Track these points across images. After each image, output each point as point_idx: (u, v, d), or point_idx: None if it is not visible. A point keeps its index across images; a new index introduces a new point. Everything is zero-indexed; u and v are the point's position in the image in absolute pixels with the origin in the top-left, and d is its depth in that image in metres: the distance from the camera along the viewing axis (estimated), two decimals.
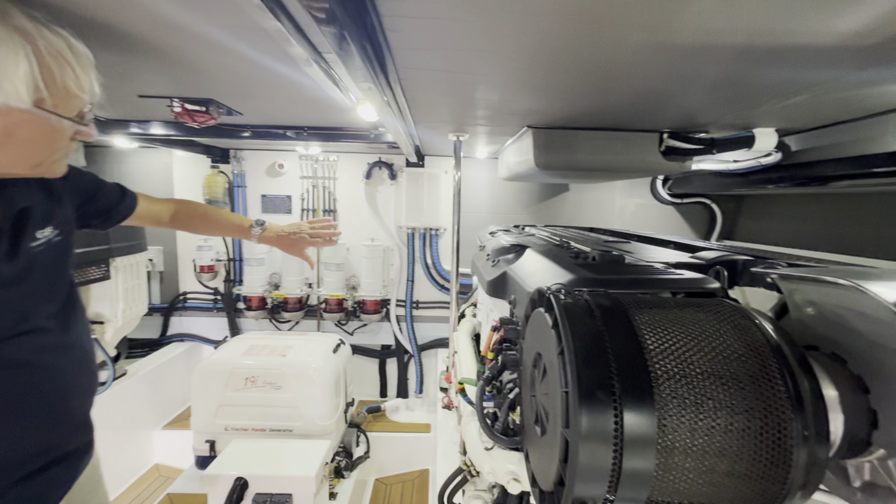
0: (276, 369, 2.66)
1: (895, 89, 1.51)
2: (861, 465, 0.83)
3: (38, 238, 1.03)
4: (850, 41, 1.12)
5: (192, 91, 1.71)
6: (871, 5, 0.94)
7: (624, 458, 0.69)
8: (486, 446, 1.15)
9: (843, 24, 1.02)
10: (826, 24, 1.02)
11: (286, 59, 1.36)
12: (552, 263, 1.23)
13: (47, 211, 1.07)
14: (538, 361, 0.93)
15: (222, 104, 1.82)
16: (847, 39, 1.11)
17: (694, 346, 0.76)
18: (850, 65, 1.31)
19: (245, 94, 1.79)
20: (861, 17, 0.99)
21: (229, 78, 1.61)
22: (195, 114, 1.76)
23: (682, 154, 2.28)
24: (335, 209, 3.86)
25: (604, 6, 0.92)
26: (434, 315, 3.99)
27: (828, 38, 1.10)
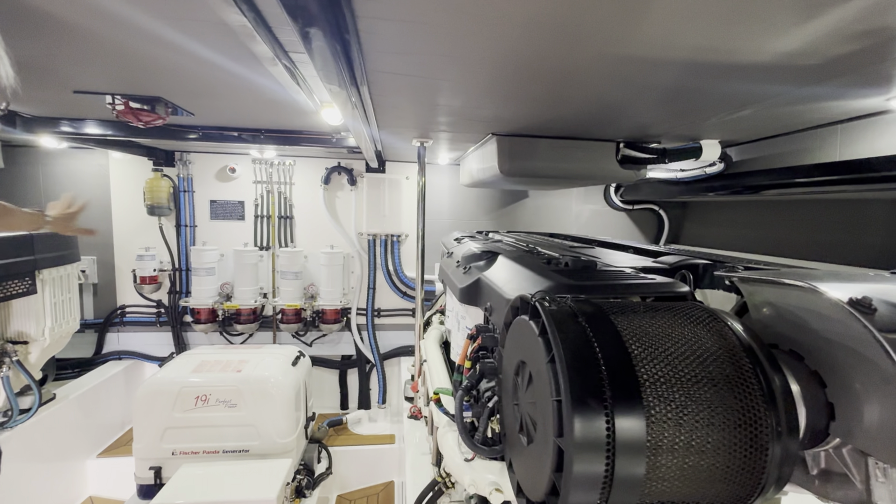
0: (230, 386, 2.49)
1: (827, 106, 1.66)
2: (818, 455, 0.88)
3: None
4: (789, 60, 1.22)
5: (137, 88, 1.58)
6: (810, 28, 1.02)
7: (616, 464, 0.69)
8: (465, 457, 1.13)
9: (783, 44, 1.10)
10: (767, 44, 1.10)
11: (245, 58, 1.29)
12: (526, 270, 1.24)
13: None
14: (521, 369, 0.93)
15: (171, 103, 1.69)
16: (787, 59, 1.21)
17: (675, 350, 0.78)
18: (790, 83, 1.43)
19: (197, 93, 1.68)
20: (800, 39, 1.08)
21: (180, 75, 1.50)
22: (140, 112, 1.62)
23: (637, 163, 2.40)
24: (292, 215, 3.71)
25: (568, 16, 0.94)
26: (396, 323, 3.92)
27: (769, 57, 1.19)
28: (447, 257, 2.09)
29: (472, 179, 3.16)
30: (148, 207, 3.39)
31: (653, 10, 0.91)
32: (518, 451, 0.92)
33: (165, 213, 3.46)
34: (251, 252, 3.51)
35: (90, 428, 3.07)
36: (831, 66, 1.24)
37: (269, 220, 3.68)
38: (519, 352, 0.93)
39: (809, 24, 0.98)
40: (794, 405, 0.77)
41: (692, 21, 0.96)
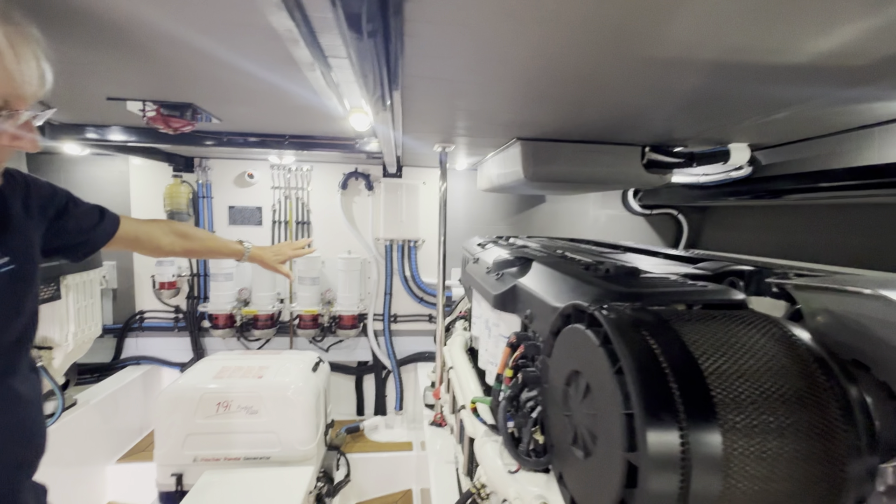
0: (252, 392, 2.48)
1: (867, 107, 1.63)
2: (885, 471, 0.84)
3: None
4: (831, 61, 1.19)
5: (169, 94, 1.58)
6: (860, 26, 0.99)
7: (692, 483, 0.66)
8: (509, 469, 1.10)
9: (825, 43, 1.07)
10: (808, 44, 1.07)
11: (278, 65, 1.28)
12: (568, 277, 1.21)
13: (3, 236, 0.92)
14: (575, 379, 0.90)
15: (201, 109, 1.70)
16: (828, 60, 1.18)
17: (744, 363, 0.75)
18: (830, 85, 1.39)
19: (227, 99, 1.68)
20: (845, 38, 1.05)
21: (212, 82, 1.50)
22: (171, 119, 1.62)
23: (664, 167, 2.36)
24: (309, 220, 3.71)
25: (613, 16, 0.92)
26: (413, 329, 3.90)
27: (808, 58, 1.16)
28: (473, 263, 2.06)
29: (491, 184, 3.14)
30: (168, 213, 3.41)
31: (688, 8, 0.88)
32: (571, 463, 0.89)
33: (185, 219, 3.47)
34: None
35: (110, 433, 3.08)
36: (879, 66, 1.21)
37: (287, 226, 3.68)
38: (571, 361, 0.90)
39: (860, 22, 0.95)
40: (872, 419, 0.73)
41: (727, 20, 0.93)
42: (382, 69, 1.11)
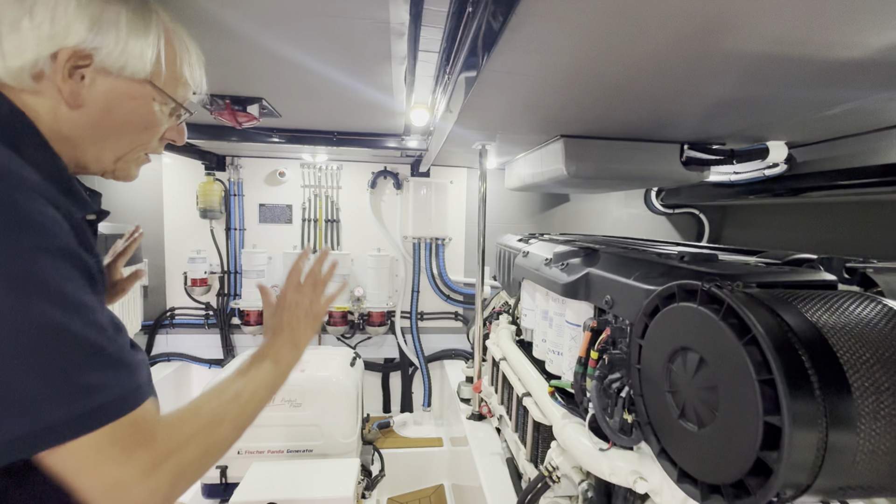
0: (296, 386, 2.51)
1: None
2: None
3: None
4: (893, 56, 1.23)
5: (239, 89, 1.63)
6: None
7: (829, 445, 0.70)
8: (600, 447, 1.14)
9: (889, 37, 1.11)
10: (870, 39, 1.11)
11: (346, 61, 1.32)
12: (650, 262, 1.25)
13: None
14: (681, 356, 0.94)
15: (268, 104, 1.74)
16: (889, 54, 1.22)
17: (861, 332, 0.79)
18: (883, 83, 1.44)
19: (292, 95, 1.72)
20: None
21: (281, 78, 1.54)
22: (239, 113, 1.67)
23: (702, 164, 2.41)
24: (338, 219, 3.76)
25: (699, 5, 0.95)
26: (439, 326, 3.93)
27: (866, 53, 1.20)
28: (523, 257, 2.11)
29: (522, 183, 3.18)
30: (200, 211, 3.45)
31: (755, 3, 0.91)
32: (678, 437, 0.93)
33: (217, 217, 3.51)
34: None
35: None
36: None
37: (317, 224, 3.72)
38: (676, 339, 0.95)
39: None
40: None
41: (783, 7, 0.96)
42: (474, 61, 1.16)
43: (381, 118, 2.06)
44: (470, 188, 3.89)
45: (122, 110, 0.76)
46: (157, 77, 0.78)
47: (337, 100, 1.74)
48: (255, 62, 1.37)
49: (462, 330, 3.97)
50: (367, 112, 1.92)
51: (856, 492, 0.76)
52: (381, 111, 1.86)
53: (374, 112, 1.90)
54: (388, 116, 1.99)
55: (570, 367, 1.51)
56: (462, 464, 2.75)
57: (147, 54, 0.75)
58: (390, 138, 2.55)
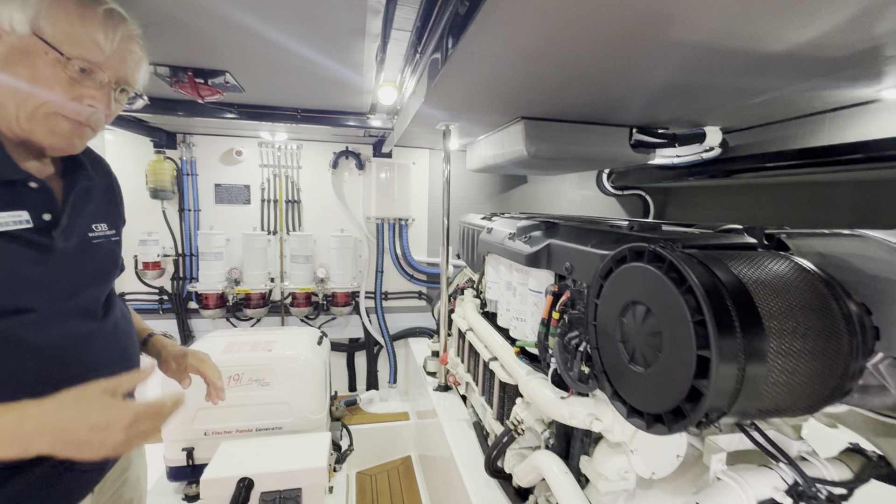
0: (263, 364, 2.52)
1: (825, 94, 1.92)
2: (866, 369, 1.09)
3: (94, 230, 1.04)
4: (808, 51, 1.42)
5: (203, 61, 1.59)
6: (834, 19, 1.22)
7: (746, 375, 0.86)
8: (561, 396, 1.28)
9: (806, 34, 1.30)
10: (790, 34, 1.29)
11: (323, 36, 1.34)
12: (603, 232, 1.39)
13: (104, 208, 1.09)
14: (631, 310, 1.08)
15: (232, 79, 1.71)
16: (806, 50, 1.41)
17: (774, 282, 0.95)
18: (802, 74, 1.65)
19: (257, 70, 1.70)
20: (822, 30, 1.28)
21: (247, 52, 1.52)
22: (202, 87, 1.63)
23: (648, 147, 2.61)
24: (299, 199, 3.70)
25: None
26: (404, 305, 4.01)
27: (788, 47, 1.38)
28: (486, 233, 2.22)
29: (484, 164, 3.28)
30: (151, 191, 3.28)
31: None
32: (628, 380, 1.08)
33: (169, 197, 3.36)
34: (260, 236, 3.49)
35: None
36: (846, 59, 1.47)
37: (277, 205, 3.65)
38: (627, 295, 1.08)
39: (834, 15, 1.17)
40: (864, 327, 0.96)
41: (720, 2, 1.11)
42: (447, 41, 1.22)
43: (348, 96, 2.06)
44: (432, 169, 3.94)
45: (10, 65, 0.84)
46: (44, 31, 0.84)
47: (304, 76, 1.74)
48: (222, 34, 1.35)
49: (426, 308, 4.08)
50: (335, 89, 1.93)
51: (762, 414, 0.94)
52: (348, 89, 1.88)
53: (341, 89, 1.91)
54: (355, 94, 2.00)
55: (533, 331, 1.65)
56: (429, 434, 2.88)
57: (28, 8, 0.82)
58: (355, 117, 2.55)
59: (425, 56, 1.36)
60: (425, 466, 3.08)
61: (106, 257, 1.06)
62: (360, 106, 2.30)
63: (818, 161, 2.40)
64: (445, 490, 2.35)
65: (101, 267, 1.05)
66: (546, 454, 1.34)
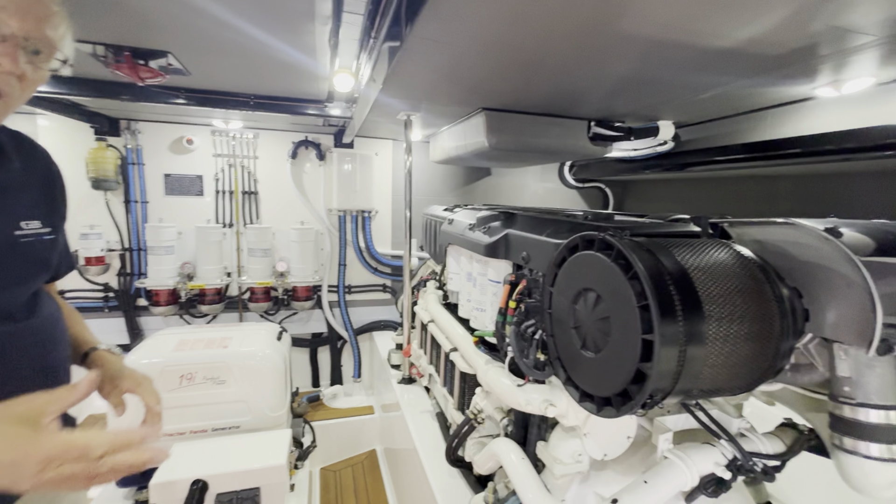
0: (219, 362, 2.42)
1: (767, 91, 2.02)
2: (797, 349, 1.16)
3: (22, 228, 0.93)
4: (750, 48, 1.49)
5: (143, 40, 1.49)
6: (774, 18, 1.28)
7: (686, 357, 0.89)
8: (517, 384, 1.29)
9: (748, 31, 1.36)
10: (734, 30, 1.34)
11: (271, 16, 1.28)
12: (558, 222, 1.41)
13: (38, 203, 0.98)
14: (583, 296, 1.10)
15: (176, 61, 1.61)
16: (748, 46, 1.48)
17: (714, 268, 0.99)
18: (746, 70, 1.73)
19: (205, 51, 1.61)
20: (764, 27, 1.34)
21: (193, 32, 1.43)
22: (141, 68, 1.53)
23: (606, 140, 2.68)
24: (256, 191, 3.56)
25: None
26: (367, 299, 3.96)
27: (732, 43, 1.44)
28: (448, 224, 2.21)
29: (446, 156, 3.27)
30: (92, 181, 3.07)
31: None
32: (580, 365, 1.10)
33: (113, 188, 3.15)
34: (215, 229, 3.34)
35: None
36: (786, 56, 1.55)
37: (232, 196, 3.50)
38: (579, 282, 1.10)
39: (773, 13, 1.23)
40: (795, 310, 1.01)
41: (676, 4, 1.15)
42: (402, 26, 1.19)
43: (304, 82, 1.99)
44: (396, 161, 3.89)
45: None
46: None
47: (256, 59, 1.66)
48: (163, 10, 1.26)
49: (390, 301, 4.04)
50: (289, 74, 1.85)
51: (703, 394, 0.98)
52: (303, 74, 1.81)
53: (295, 75, 1.84)
54: (310, 81, 1.93)
55: (493, 321, 1.66)
56: (394, 427, 2.87)
57: None
58: (313, 105, 2.46)
59: (379, 41, 1.32)
60: (390, 459, 3.07)
61: (35, 258, 0.95)
62: (317, 93, 2.23)
63: (760, 155, 2.54)
64: (409, 482, 2.35)
65: (26, 268, 0.94)
66: (504, 441, 1.36)
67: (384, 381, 3.28)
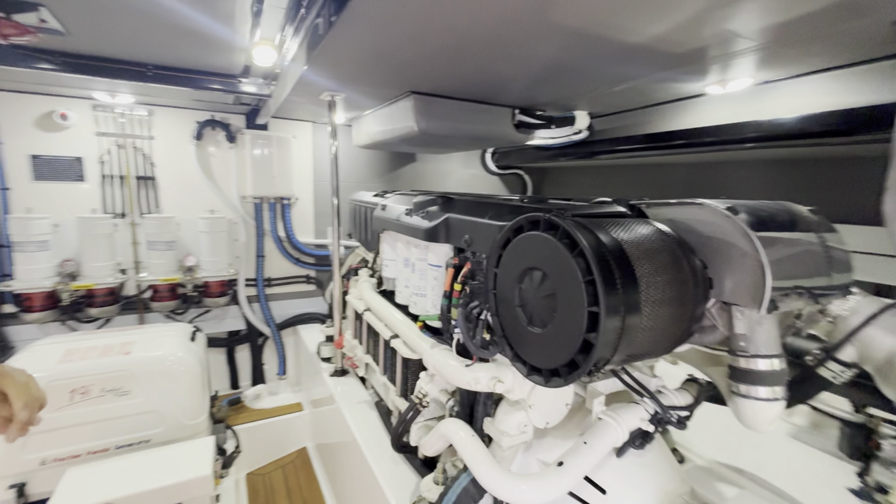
0: (120, 371, 2.12)
1: (669, 86, 2.25)
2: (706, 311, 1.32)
3: None
4: (659, 45, 1.65)
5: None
6: (676, 18, 1.42)
7: (626, 325, 0.98)
8: (465, 364, 1.32)
9: (658, 28, 1.50)
10: (647, 27, 1.48)
11: None
12: (498, 205, 1.45)
13: None
14: (529, 275, 1.15)
15: (51, 16, 1.34)
16: (658, 43, 1.63)
17: (643, 244, 1.09)
18: (653, 65, 1.91)
19: (90, 7, 1.36)
20: (669, 25, 1.49)
21: None
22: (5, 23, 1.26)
23: (529, 128, 2.80)
24: (153, 176, 3.15)
25: None
26: (290, 291, 3.74)
27: (643, 39, 1.59)
28: (382, 210, 2.16)
29: (372, 140, 3.18)
30: None
31: None
32: (527, 341, 1.15)
33: None
34: (103, 220, 2.89)
35: None
36: (687, 55, 1.73)
37: (124, 182, 3.05)
38: (525, 262, 1.15)
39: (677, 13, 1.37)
40: (703, 278, 1.16)
41: None
42: None
43: (216, 53, 1.78)
44: (317, 145, 3.69)
45: None
46: None
47: (156, 23, 1.44)
48: None
49: (316, 293, 3.86)
50: (199, 43, 1.64)
51: (635, 358, 1.08)
52: (216, 44, 1.61)
53: (207, 44, 1.64)
54: (224, 52, 1.73)
55: (434, 306, 1.67)
56: (328, 421, 2.77)
57: None
58: (223, 79, 2.22)
59: (312, 13, 1.23)
60: (324, 455, 2.97)
61: None
62: (230, 67, 2.01)
63: (657, 145, 2.83)
64: (349, 474, 2.29)
65: None
66: (452, 421, 1.38)
67: (313, 376, 3.15)
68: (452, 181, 4.50)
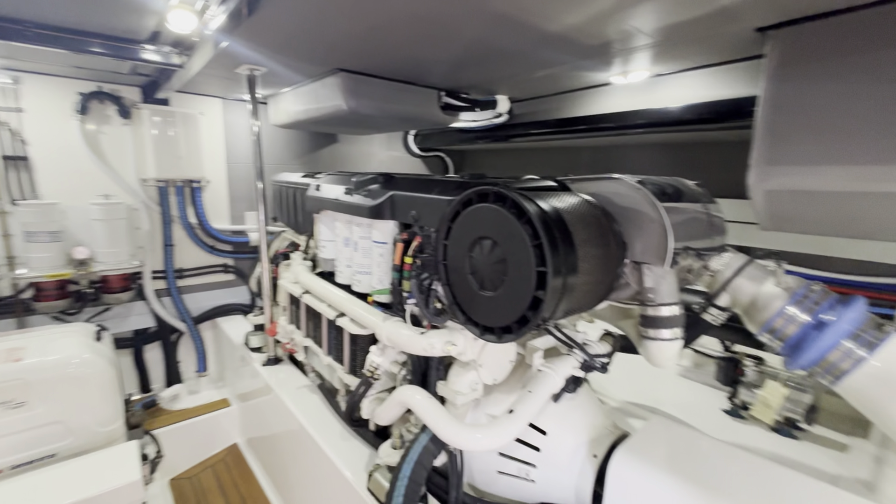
0: (10, 380, 1.84)
1: (581, 75, 2.48)
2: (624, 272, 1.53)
3: None
4: (573, 34, 1.83)
5: None
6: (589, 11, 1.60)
7: (566, 283, 1.13)
8: (420, 332, 1.39)
9: (573, 18, 1.66)
10: (564, 15, 1.63)
11: None
12: (441, 181, 1.52)
13: None
14: (478, 244, 1.25)
15: None
16: (572, 32, 1.81)
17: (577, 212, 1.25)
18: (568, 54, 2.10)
19: None
20: (582, 17, 1.66)
21: None
22: None
23: (454, 109, 2.89)
24: (25, 155, 2.68)
25: None
26: (206, 282, 3.47)
27: (562, 28, 1.75)
28: (315, 190, 2.11)
29: (292, 119, 3.04)
30: None
31: None
32: (478, 304, 1.26)
33: None
34: None
35: None
36: (596, 47, 1.94)
37: None
38: (475, 231, 1.25)
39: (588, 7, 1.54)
40: (622, 242, 1.35)
41: None
42: None
43: (122, 14, 1.57)
44: (228, 123, 3.41)
45: None
46: None
47: None
48: None
49: (235, 283, 3.63)
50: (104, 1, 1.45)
51: (572, 312, 1.25)
52: (125, 3, 1.44)
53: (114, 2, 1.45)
54: (132, 13, 1.55)
55: (381, 282, 1.71)
56: (263, 412, 2.68)
57: None
58: (121, 45, 1.96)
59: None
60: (260, 448, 2.87)
61: None
62: (135, 31, 1.78)
63: (566, 129, 3.11)
64: (294, 461, 2.26)
65: None
66: (409, 387, 1.46)
67: (241, 368, 2.99)
68: (375, 163, 4.46)
